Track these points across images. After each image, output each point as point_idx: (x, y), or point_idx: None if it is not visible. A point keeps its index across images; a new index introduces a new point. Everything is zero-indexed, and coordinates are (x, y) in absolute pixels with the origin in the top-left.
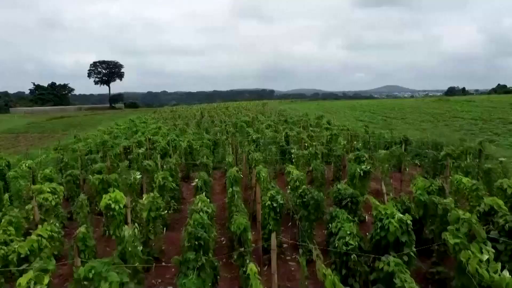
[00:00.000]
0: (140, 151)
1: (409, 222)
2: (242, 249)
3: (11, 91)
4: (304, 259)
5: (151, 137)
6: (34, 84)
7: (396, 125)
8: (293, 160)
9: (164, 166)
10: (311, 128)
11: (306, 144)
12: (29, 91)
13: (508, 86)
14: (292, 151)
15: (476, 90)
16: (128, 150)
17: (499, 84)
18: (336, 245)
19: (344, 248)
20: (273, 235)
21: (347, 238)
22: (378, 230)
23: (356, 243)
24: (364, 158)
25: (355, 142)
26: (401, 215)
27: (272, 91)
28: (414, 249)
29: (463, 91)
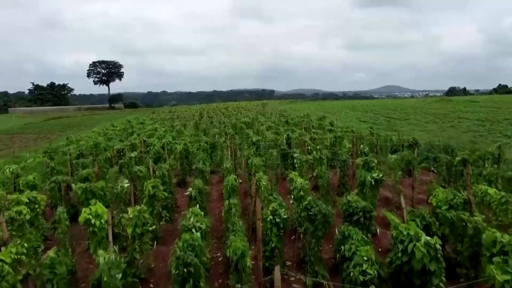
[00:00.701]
0: (132, 155)
1: (438, 246)
2: (239, 285)
3: (11, 91)
4: None
5: (146, 139)
6: (33, 84)
7: (400, 126)
8: (296, 165)
9: (157, 172)
10: (313, 130)
11: (309, 148)
12: (28, 91)
13: (509, 86)
14: (295, 155)
15: (477, 90)
16: (122, 154)
17: (500, 84)
18: (351, 273)
19: (361, 278)
20: (277, 269)
21: (364, 266)
22: (400, 254)
23: (375, 271)
24: (373, 164)
25: (361, 146)
26: (428, 238)
27: (272, 91)
28: (444, 279)
29: (464, 91)
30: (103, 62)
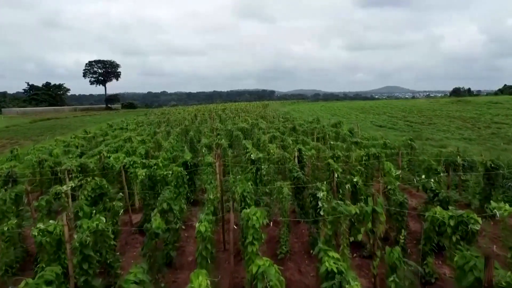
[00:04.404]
0: (64, 188)
1: None
2: None
3: (11, 91)
4: None
5: (110, 155)
6: (28, 84)
7: (428, 133)
8: (322, 213)
9: (76, 236)
10: (331, 142)
11: (336, 176)
12: (23, 91)
13: None
14: (320, 195)
15: (479, 91)
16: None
17: (505, 85)
18: None
19: None
20: None
21: None
22: None
23: None
24: (473, 223)
25: (423, 176)
26: None
27: (272, 92)
28: None
29: (469, 92)
30: (99, 61)
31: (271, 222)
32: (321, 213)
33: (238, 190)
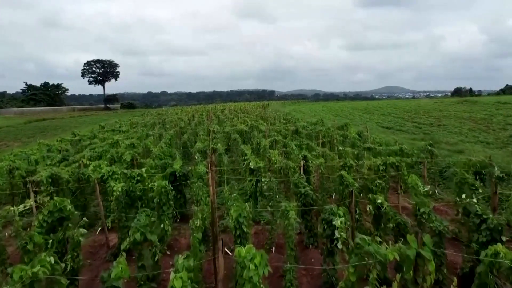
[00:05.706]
0: (21, 208)
1: None
2: None
3: (10, 91)
4: None
5: (90, 163)
6: (26, 84)
7: (440, 135)
8: (340, 246)
9: None
10: (340, 147)
11: (351, 190)
12: (21, 91)
13: None
14: (337, 223)
15: (479, 91)
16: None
17: (507, 85)
18: None
19: None
20: None
21: None
22: None
23: None
24: None
25: (473, 198)
26: None
27: (272, 92)
28: None
29: (470, 92)
30: (98, 61)
31: (273, 248)
32: (339, 245)
33: (233, 214)
